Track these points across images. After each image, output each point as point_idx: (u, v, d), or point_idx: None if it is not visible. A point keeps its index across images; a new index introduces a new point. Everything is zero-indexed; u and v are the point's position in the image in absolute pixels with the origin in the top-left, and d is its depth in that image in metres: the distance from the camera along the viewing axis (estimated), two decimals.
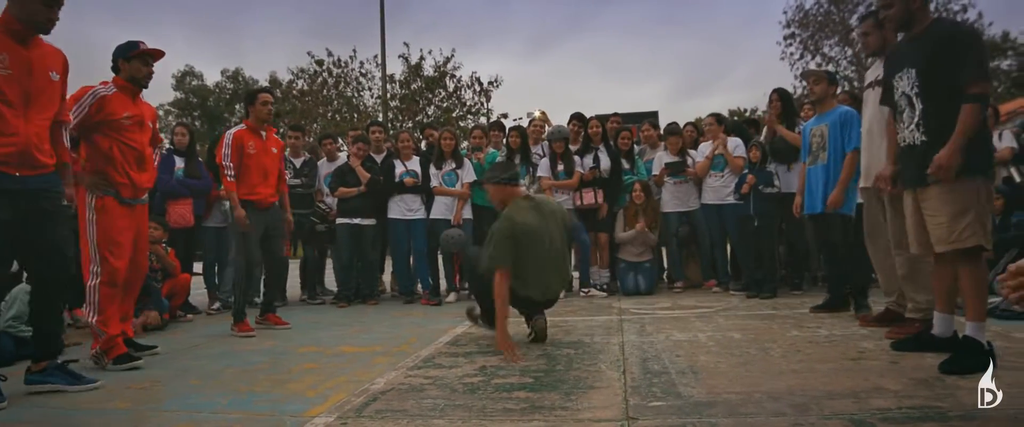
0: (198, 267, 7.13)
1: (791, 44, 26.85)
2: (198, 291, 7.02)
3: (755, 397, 2.63)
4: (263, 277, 5.98)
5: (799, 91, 24.79)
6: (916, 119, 3.24)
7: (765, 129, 6.62)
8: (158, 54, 4.19)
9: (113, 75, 4.11)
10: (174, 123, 25.16)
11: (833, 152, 4.81)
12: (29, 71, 3.20)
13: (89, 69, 4.15)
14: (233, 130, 5.38)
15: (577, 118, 7.40)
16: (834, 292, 5.04)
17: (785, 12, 27.36)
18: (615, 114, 8.21)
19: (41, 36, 3.28)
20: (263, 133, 5.37)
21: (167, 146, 7.07)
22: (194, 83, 36.57)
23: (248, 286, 5.66)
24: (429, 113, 23.20)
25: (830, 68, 24.42)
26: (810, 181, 5.02)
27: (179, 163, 6.63)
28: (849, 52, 24.75)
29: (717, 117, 7.16)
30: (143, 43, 4.15)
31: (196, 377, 3.55)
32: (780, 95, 6.44)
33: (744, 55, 67.46)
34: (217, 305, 6.82)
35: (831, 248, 5.06)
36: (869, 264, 4.47)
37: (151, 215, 4.84)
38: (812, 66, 26.04)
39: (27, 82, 3.18)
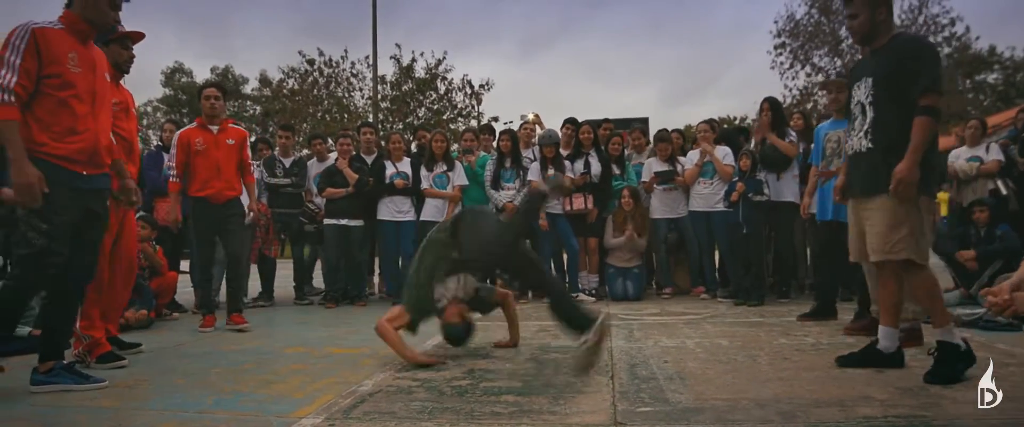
0: (185, 265, 7.09)
1: (781, 53, 26.99)
2: (185, 289, 6.97)
3: (742, 404, 2.65)
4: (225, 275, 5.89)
5: (788, 100, 24.98)
6: (865, 127, 3.26)
7: (754, 138, 6.67)
8: (137, 36, 4.13)
9: None
10: (163, 120, 24.99)
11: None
12: (93, 69, 3.24)
13: None
14: (182, 129, 5.40)
15: (570, 123, 7.41)
16: (822, 300, 5.07)
17: (776, 22, 27.52)
18: (607, 120, 8.25)
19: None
20: (214, 127, 5.30)
21: (156, 143, 7.03)
22: (183, 80, 36.29)
23: (207, 286, 5.57)
24: (420, 115, 23.17)
25: (820, 78, 24.68)
26: (824, 188, 5.01)
27: (167, 160, 6.58)
28: (838, 62, 24.94)
29: (711, 124, 7.19)
30: (121, 26, 4.03)
31: (182, 376, 3.52)
32: (771, 104, 6.48)
33: (734, 63, 67.78)
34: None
35: (834, 256, 5.02)
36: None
37: (138, 212, 4.81)
38: (801, 76, 26.25)
39: (92, 80, 3.23)
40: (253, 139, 6.95)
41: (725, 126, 10.11)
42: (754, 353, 3.74)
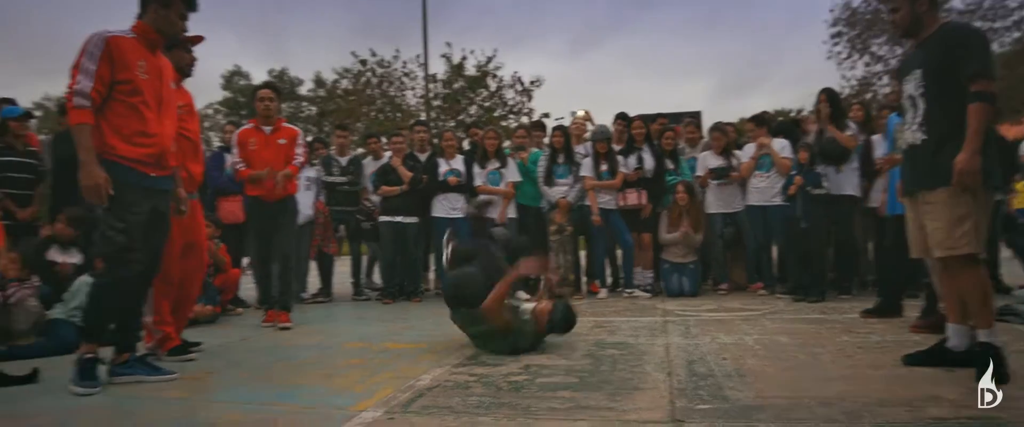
0: (247, 262, 7.29)
1: (838, 43, 26.14)
2: (248, 286, 7.16)
3: (804, 402, 2.59)
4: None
5: (846, 91, 24.21)
6: (918, 120, 3.15)
7: (811, 129, 6.49)
8: (197, 40, 4.23)
9: None
10: (223, 122, 25.71)
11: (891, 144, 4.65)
12: (160, 76, 3.40)
13: None
14: (240, 128, 5.55)
15: (621, 118, 7.36)
16: (887, 296, 4.91)
17: (831, 10, 26.53)
18: (660, 115, 8.12)
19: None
20: (267, 128, 5.40)
21: (217, 144, 7.25)
22: (241, 82, 37.27)
23: (267, 280, 5.72)
24: (471, 112, 23.27)
25: (879, 67, 23.86)
26: (895, 180, 4.85)
27: (229, 160, 6.78)
28: (899, 50, 24.06)
29: (756, 119, 7.02)
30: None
31: (246, 370, 3.63)
32: (828, 95, 6.30)
33: (789, 54, 66.26)
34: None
35: (902, 251, 4.83)
36: None
37: (203, 212, 4.98)
38: (860, 66, 25.41)
39: (159, 87, 3.38)
40: (310, 139, 7.09)
41: (779, 118, 9.85)
42: (815, 350, 3.65)
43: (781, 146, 6.61)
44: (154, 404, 2.91)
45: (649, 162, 7.01)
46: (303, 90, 34.61)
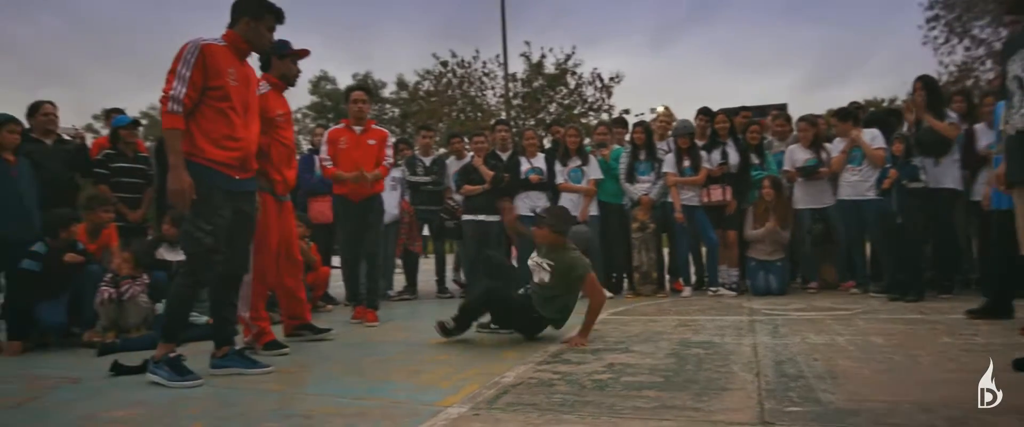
0: (337, 261, 7.53)
1: (934, 27, 24.69)
2: (337, 283, 7.40)
3: (903, 407, 2.48)
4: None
5: (945, 78, 22.87)
6: None
7: (907, 119, 6.18)
8: (304, 54, 4.51)
9: (263, 73, 4.39)
10: (312, 126, 26.60)
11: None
12: (247, 84, 3.59)
13: None
14: (331, 128, 5.70)
15: (703, 112, 7.23)
16: (994, 296, 4.62)
17: None
18: (744, 108, 7.91)
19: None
20: (358, 128, 5.53)
21: (307, 147, 7.53)
22: (328, 87, 38.48)
23: (356, 278, 5.88)
24: (551, 110, 23.27)
25: (981, 51, 22.44)
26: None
27: (321, 157, 7.01)
28: (1003, 33, 22.54)
29: (841, 114, 6.71)
30: (290, 43, 4.45)
31: (337, 364, 3.77)
32: (925, 83, 5.99)
33: (882, 41, 63.12)
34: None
35: (1005, 248, 4.54)
36: None
37: (295, 212, 5.19)
38: (959, 50, 23.96)
39: (245, 94, 3.57)
40: (395, 140, 7.28)
41: (871, 109, 9.41)
42: (914, 353, 3.49)
43: (872, 136, 6.32)
44: (253, 395, 3.06)
45: (734, 157, 6.86)
46: (386, 93, 35.42)
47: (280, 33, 3.79)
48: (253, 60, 3.82)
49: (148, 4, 67.99)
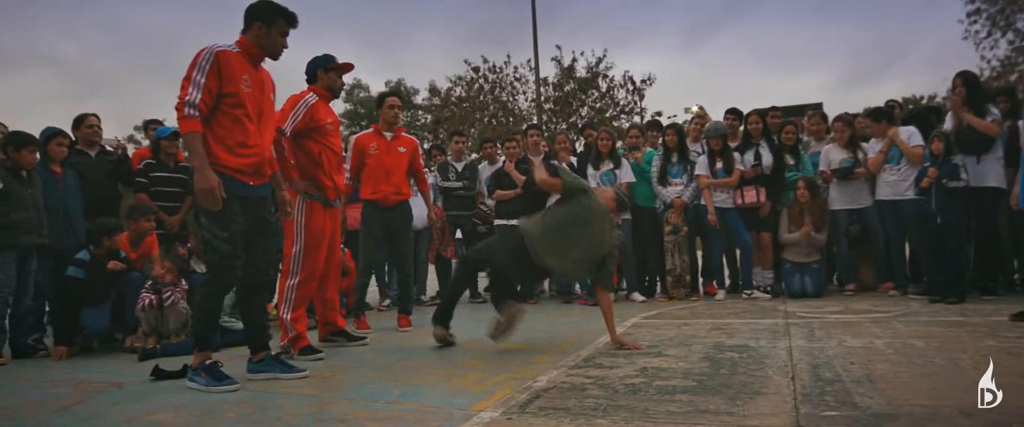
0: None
1: (976, 21, 24.12)
2: (371, 289, 7.48)
3: (944, 412, 2.43)
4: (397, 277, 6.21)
5: (987, 73, 22.30)
6: None
7: (950, 117, 6.06)
8: (347, 68, 4.66)
9: (309, 85, 4.54)
10: (346, 133, 26.93)
11: None
12: (261, 90, 3.62)
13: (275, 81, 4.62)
14: (358, 134, 5.70)
15: (732, 113, 7.17)
16: None
17: None
18: (774, 108, 7.74)
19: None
20: (388, 134, 5.54)
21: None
22: (361, 95, 38.89)
23: (359, 288, 5.93)
24: (582, 114, 23.26)
25: None
26: None
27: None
28: None
29: (874, 114, 6.59)
30: (335, 57, 4.61)
31: (372, 369, 3.81)
32: (965, 79, 5.86)
33: (920, 37, 61.84)
34: (387, 302, 7.28)
35: None
36: None
37: None
38: (1002, 44, 23.36)
39: (260, 100, 3.59)
40: (427, 147, 7.35)
41: (910, 106, 9.23)
42: (955, 356, 3.41)
43: (909, 134, 6.20)
44: (289, 400, 3.11)
45: (767, 158, 6.78)
46: (418, 99, 35.69)
47: (319, 39, 3.85)
48: (276, 66, 3.85)
49: (187, 18, 69.41)
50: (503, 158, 7.50)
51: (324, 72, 4.55)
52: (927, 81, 61.62)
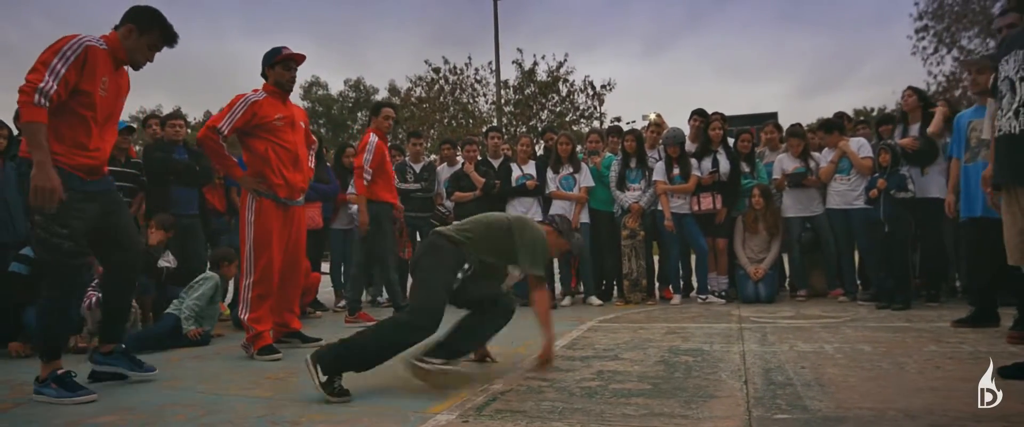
0: (325, 267, 7.53)
1: (924, 37, 24.96)
2: (326, 289, 7.39)
3: (889, 414, 2.50)
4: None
5: (933, 88, 23.06)
6: (1015, 106, 2.93)
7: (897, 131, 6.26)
8: (299, 58, 4.48)
9: (263, 81, 4.42)
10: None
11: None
12: (117, 94, 3.37)
13: (234, 77, 4.52)
14: (375, 139, 5.72)
15: (698, 114, 7.30)
16: (980, 305, 4.65)
17: (917, 3, 25.32)
18: (717, 114, 7.72)
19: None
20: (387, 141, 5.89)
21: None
22: (320, 93, 38.44)
23: (361, 282, 6.19)
24: (542, 118, 23.36)
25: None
26: (969, 180, 4.56)
27: (366, 164, 6.96)
28: (991, 44, 22.78)
29: (826, 126, 6.79)
30: (286, 48, 4.43)
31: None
32: (915, 91, 6.08)
33: (874, 50, 63.74)
34: (342, 303, 7.19)
35: (988, 256, 4.57)
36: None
37: None
38: (948, 61, 24.21)
39: (113, 104, 3.34)
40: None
41: (861, 118, 9.49)
42: (901, 360, 3.51)
43: (859, 146, 6.39)
44: (241, 402, 3.04)
45: (724, 165, 6.89)
46: (378, 98, 35.42)
47: (278, 33, 3.75)
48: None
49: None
50: (462, 160, 7.48)
51: (270, 68, 4.39)
52: (878, 94, 63.57)
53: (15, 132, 5.34)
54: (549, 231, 3.78)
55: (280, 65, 4.38)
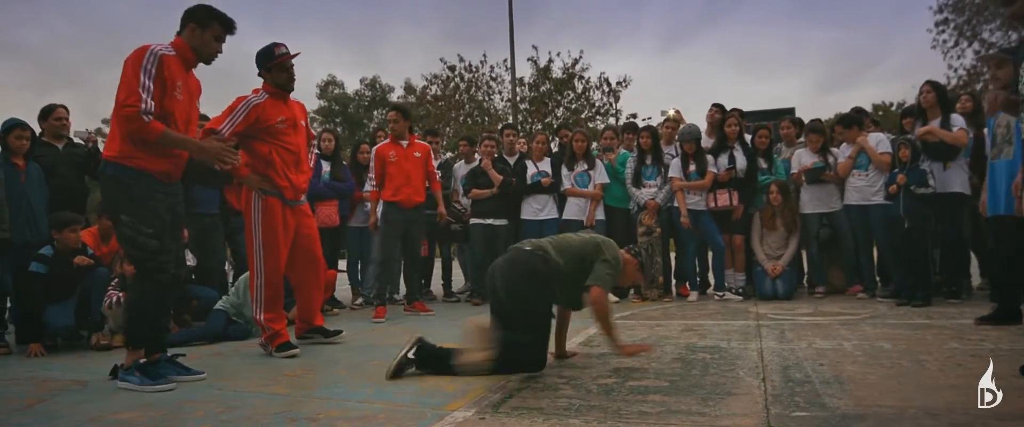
0: (342, 264, 7.56)
1: (944, 31, 24.61)
2: (343, 287, 7.42)
3: (909, 412, 2.47)
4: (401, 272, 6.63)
5: (953, 82, 22.75)
6: None
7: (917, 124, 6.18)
8: (286, 57, 4.35)
9: (263, 82, 4.39)
10: (320, 130, 26.68)
11: (1021, 146, 4.29)
12: (191, 98, 3.58)
13: (243, 77, 4.52)
14: (377, 145, 6.24)
15: (717, 106, 7.29)
16: (1003, 302, 4.58)
17: None
18: (735, 110, 7.69)
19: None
20: (404, 142, 6.09)
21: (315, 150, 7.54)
22: (336, 91, 38.61)
23: (386, 280, 6.47)
24: (558, 115, 23.31)
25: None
26: (994, 177, 4.47)
27: (326, 167, 7.05)
28: (1013, 36, 22.42)
29: (844, 121, 6.73)
30: (279, 46, 4.36)
31: (344, 368, 3.78)
32: (933, 87, 5.98)
33: (894, 44, 63.06)
34: (359, 300, 7.24)
35: (1015, 254, 4.45)
36: None
37: None
38: (969, 54, 23.86)
39: (188, 109, 3.56)
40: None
41: (879, 113, 9.40)
42: (921, 358, 3.48)
43: (877, 141, 6.32)
44: (259, 398, 3.07)
45: (741, 162, 6.84)
46: (393, 97, 35.54)
47: (294, 32, 3.76)
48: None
49: (154, 5, 68.33)
50: (479, 156, 7.49)
51: (267, 71, 4.34)
52: (899, 88, 62.90)
53: (38, 132, 5.42)
54: (631, 262, 3.79)
55: (276, 67, 4.34)
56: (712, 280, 7.27)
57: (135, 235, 3.34)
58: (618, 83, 23.12)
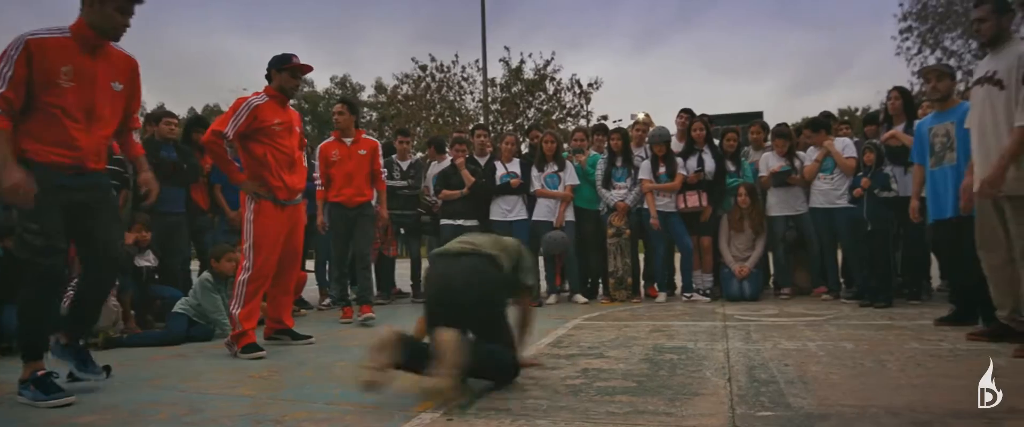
0: (310, 265, 7.49)
1: (908, 38, 25.20)
2: (311, 287, 7.35)
3: (871, 411, 2.52)
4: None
5: (916, 88, 23.27)
6: None
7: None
8: (306, 69, 4.56)
9: (265, 84, 4.48)
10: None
11: (962, 151, 4.42)
12: (93, 83, 3.16)
13: (223, 73, 4.53)
14: (321, 143, 6.04)
15: (685, 112, 7.34)
16: (961, 304, 4.69)
17: (901, 4, 25.54)
18: (702, 116, 7.73)
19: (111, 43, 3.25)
20: (347, 140, 5.87)
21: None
22: (305, 90, 38.26)
23: (345, 281, 6.53)
24: (529, 116, 23.37)
25: (952, 62, 22.92)
26: (936, 184, 4.61)
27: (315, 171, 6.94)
28: (973, 45, 23.01)
29: (813, 124, 6.85)
30: (296, 57, 4.50)
31: (311, 369, 3.74)
32: (900, 93, 6.12)
33: (863, 50, 64.31)
34: (327, 301, 7.16)
35: (963, 256, 4.63)
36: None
37: None
38: (931, 61, 24.43)
39: (90, 95, 3.15)
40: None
41: (845, 117, 9.58)
42: (883, 358, 3.54)
43: (843, 145, 6.44)
44: (224, 401, 3.02)
45: (710, 164, 6.91)
46: (364, 96, 35.32)
47: (263, 32, 3.74)
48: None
49: None
50: (450, 157, 7.46)
51: (277, 72, 4.45)
52: (863, 94, 64.16)
53: None
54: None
55: (287, 72, 4.44)
56: (679, 281, 7.33)
57: (21, 232, 3.05)
58: (589, 85, 23.26)
